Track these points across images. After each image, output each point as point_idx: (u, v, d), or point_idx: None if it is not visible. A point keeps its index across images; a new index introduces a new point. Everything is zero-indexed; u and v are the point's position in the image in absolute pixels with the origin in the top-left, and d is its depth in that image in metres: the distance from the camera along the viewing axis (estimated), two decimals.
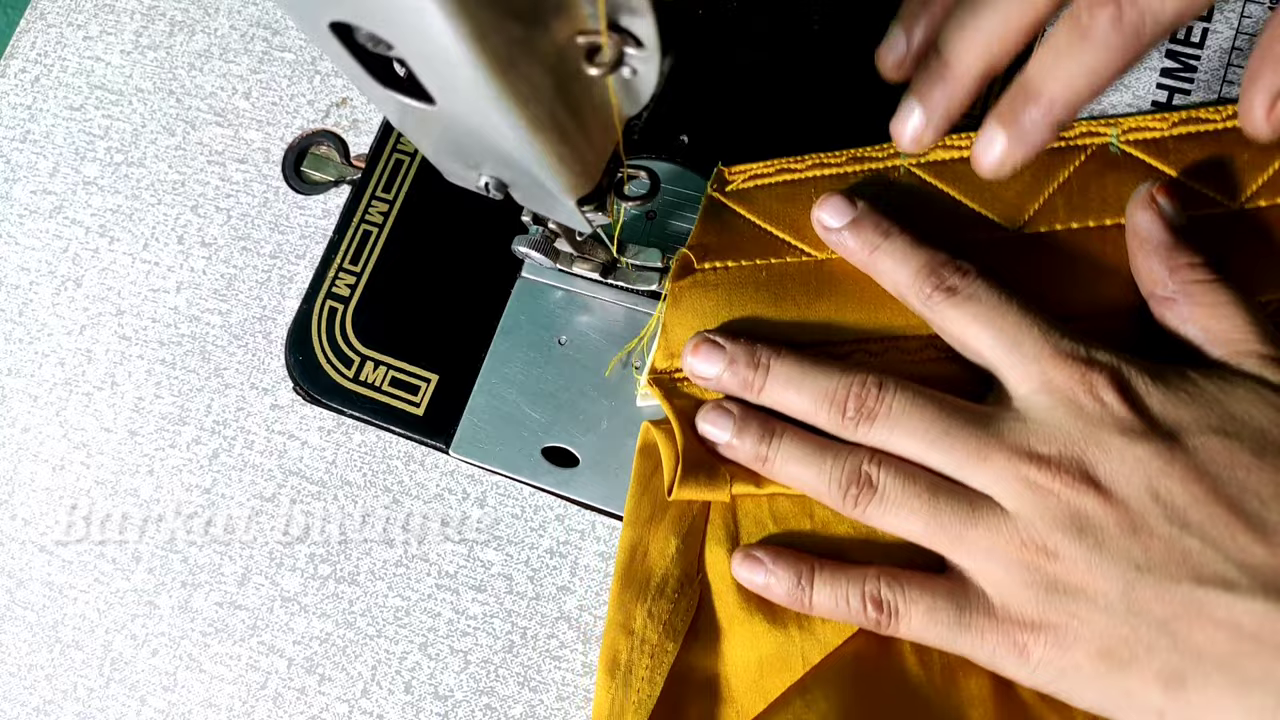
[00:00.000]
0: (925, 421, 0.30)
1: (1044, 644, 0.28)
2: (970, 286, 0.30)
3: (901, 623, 0.29)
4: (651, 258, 0.36)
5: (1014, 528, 0.28)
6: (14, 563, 0.40)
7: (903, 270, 0.32)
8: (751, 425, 0.32)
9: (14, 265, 0.44)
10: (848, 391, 0.31)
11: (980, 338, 0.30)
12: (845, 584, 0.30)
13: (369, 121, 0.43)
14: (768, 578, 0.31)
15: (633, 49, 0.21)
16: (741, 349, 0.32)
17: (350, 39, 0.21)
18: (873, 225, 0.32)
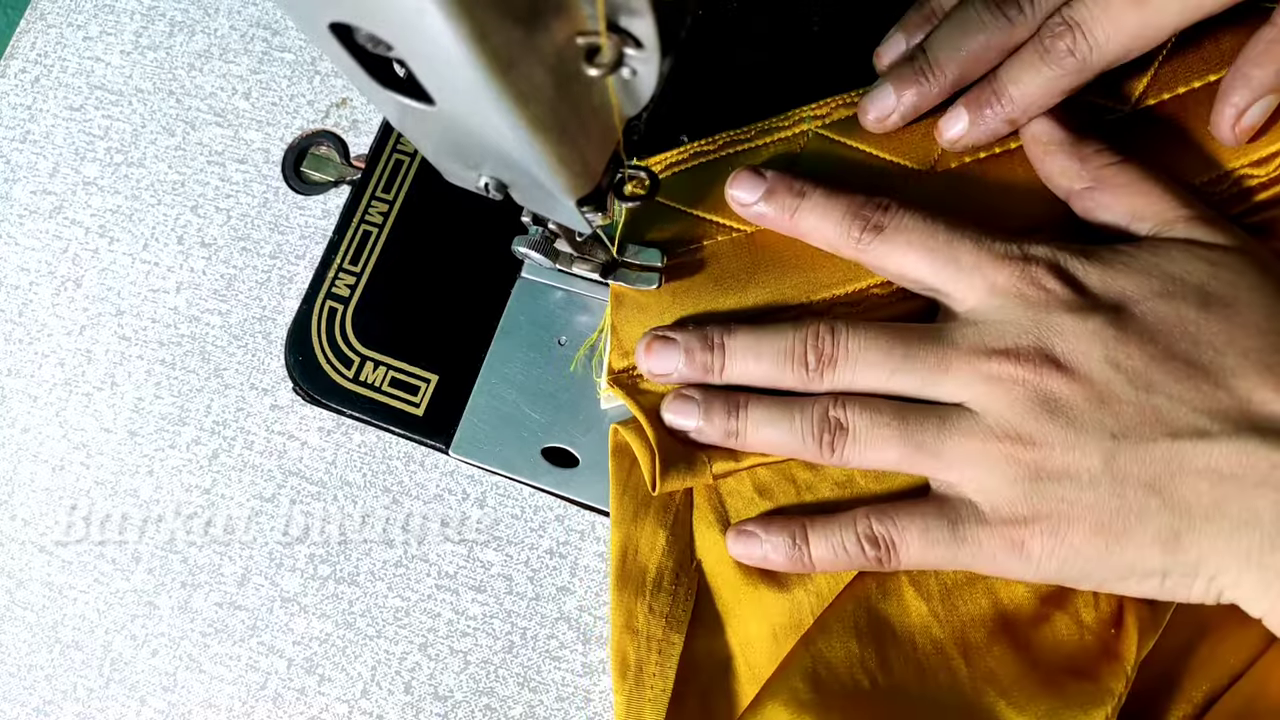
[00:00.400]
0: (883, 351, 0.30)
1: (1040, 535, 0.28)
2: (895, 218, 0.31)
3: (900, 553, 0.30)
4: (651, 258, 0.36)
5: (987, 425, 0.29)
6: (14, 563, 0.40)
7: (827, 223, 0.32)
8: (716, 405, 0.32)
9: (14, 265, 0.44)
10: (804, 345, 0.31)
11: (919, 265, 0.31)
12: (839, 531, 0.31)
13: (369, 122, 0.43)
14: (763, 547, 0.31)
15: (632, 49, 0.21)
16: (694, 335, 0.33)
17: (350, 39, 0.21)
18: (785, 189, 0.33)
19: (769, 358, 0.32)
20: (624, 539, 0.34)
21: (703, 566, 0.33)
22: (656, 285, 0.36)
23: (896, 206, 0.31)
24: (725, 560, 0.33)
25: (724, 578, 0.33)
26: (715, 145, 0.36)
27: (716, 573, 0.33)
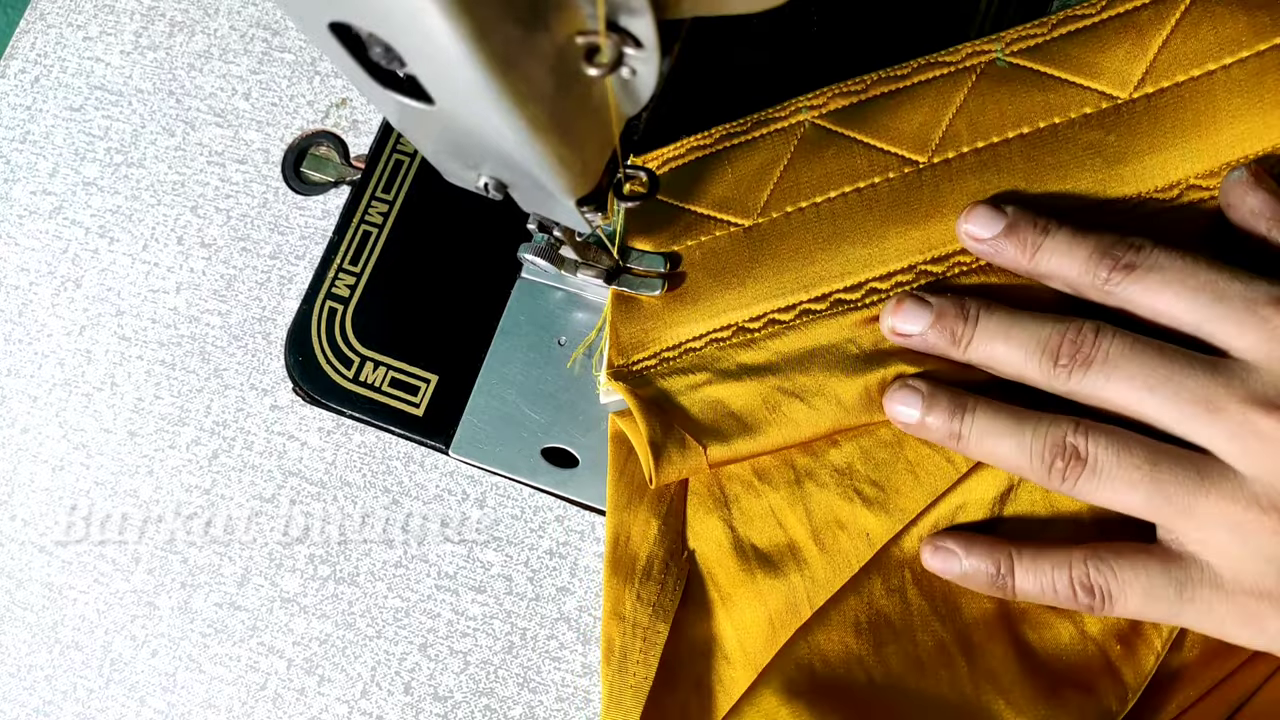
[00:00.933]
0: (1147, 367, 0.27)
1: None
2: (1150, 258, 0.28)
3: (1116, 605, 0.28)
4: (655, 264, 0.36)
5: (1252, 492, 0.26)
6: (13, 563, 0.40)
7: (1071, 262, 0.29)
8: (942, 400, 0.30)
9: (14, 266, 0.44)
10: (1062, 337, 0.28)
11: (1177, 302, 0.28)
12: (1050, 570, 0.28)
13: (369, 122, 0.43)
14: (963, 566, 0.30)
15: (632, 49, 0.21)
16: (949, 302, 0.31)
17: (350, 39, 0.21)
18: (1029, 224, 0.30)
19: (1019, 343, 0.29)
20: (617, 526, 0.34)
21: (699, 552, 0.33)
22: (660, 291, 0.36)
23: (1151, 246, 0.29)
24: (722, 546, 0.33)
25: (720, 563, 0.33)
26: (711, 139, 0.36)
27: (713, 558, 0.33)
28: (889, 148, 0.34)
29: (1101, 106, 0.32)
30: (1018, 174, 0.33)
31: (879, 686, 0.30)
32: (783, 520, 0.33)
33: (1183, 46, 0.31)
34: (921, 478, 0.32)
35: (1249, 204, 0.30)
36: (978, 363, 0.30)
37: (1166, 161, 0.31)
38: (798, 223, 0.34)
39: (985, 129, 0.33)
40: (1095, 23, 0.33)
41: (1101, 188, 0.32)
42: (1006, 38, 0.34)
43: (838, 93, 0.35)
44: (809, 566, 0.32)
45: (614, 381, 0.35)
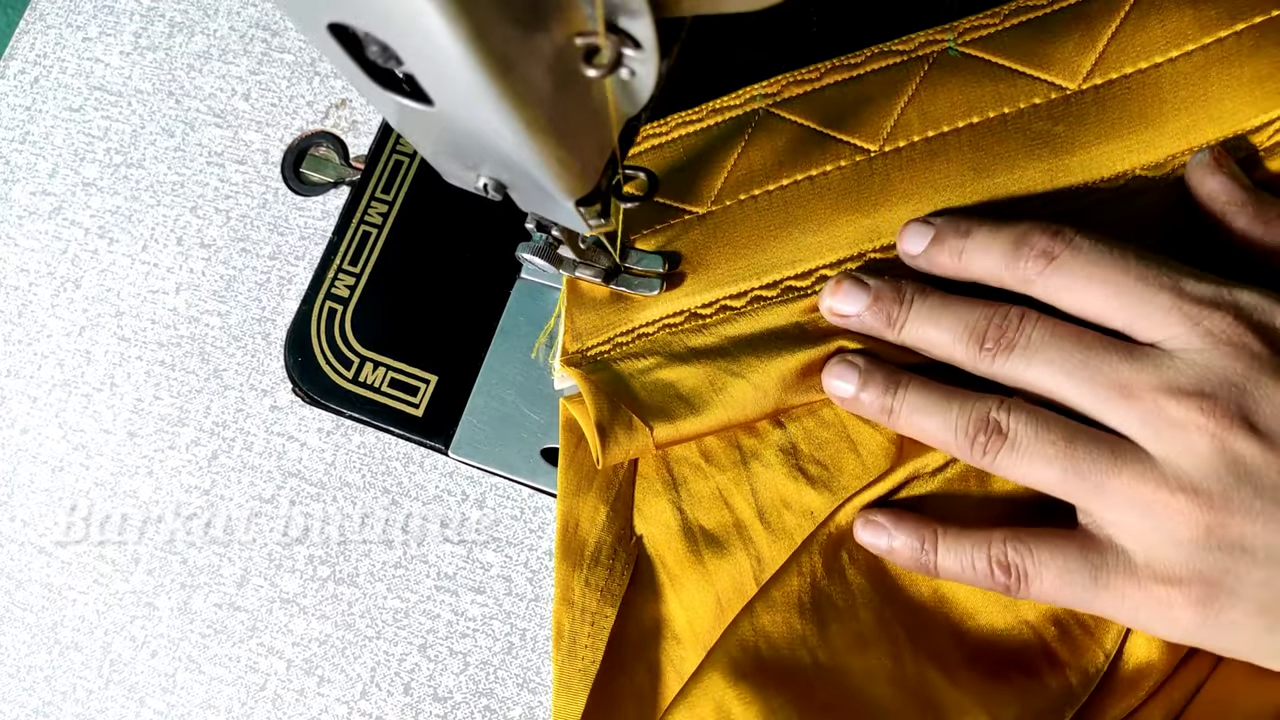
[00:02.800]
0: (1065, 352, 0.28)
1: (1194, 603, 0.26)
2: (1069, 246, 0.29)
3: (1031, 586, 0.28)
4: (654, 264, 0.36)
5: (1161, 474, 0.26)
6: (13, 564, 0.40)
7: (991, 258, 0.30)
8: (876, 376, 0.31)
9: (13, 266, 0.44)
10: (988, 322, 0.29)
11: (1101, 300, 0.28)
12: (970, 548, 0.29)
13: (368, 123, 0.43)
14: (891, 541, 0.30)
15: (631, 50, 0.21)
16: (886, 285, 0.31)
17: (349, 40, 0.21)
18: (953, 231, 0.31)
19: (949, 326, 0.30)
20: (566, 513, 0.34)
21: (648, 535, 0.34)
22: (658, 291, 0.36)
23: (1072, 232, 0.29)
24: (670, 528, 0.33)
25: (669, 546, 0.33)
26: (667, 127, 0.36)
27: (662, 541, 0.34)
28: (841, 136, 0.34)
29: (1050, 97, 0.33)
30: (966, 163, 0.33)
31: (823, 666, 0.30)
32: (729, 501, 0.33)
33: (1131, 39, 0.32)
34: (864, 456, 0.33)
35: (1208, 186, 0.31)
36: (910, 344, 0.31)
37: (1113, 152, 0.32)
38: (751, 210, 0.34)
39: (936, 118, 0.34)
40: (1046, 14, 0.33)
41: (1049, 178, 0.32)
42: (959, 27, 0.34)
43: (792, 81, 0.35)
44: (755, 545, 0.33)
45: (567, 367, 0.35)
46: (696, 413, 0.33)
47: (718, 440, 0.34)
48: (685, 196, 0.35)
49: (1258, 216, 0.30)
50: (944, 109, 0.34)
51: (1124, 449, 0.27)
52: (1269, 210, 0.30)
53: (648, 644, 0.33)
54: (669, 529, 0.33)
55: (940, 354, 0.31)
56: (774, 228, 0.34)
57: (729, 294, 0.34)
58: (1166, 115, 0.32)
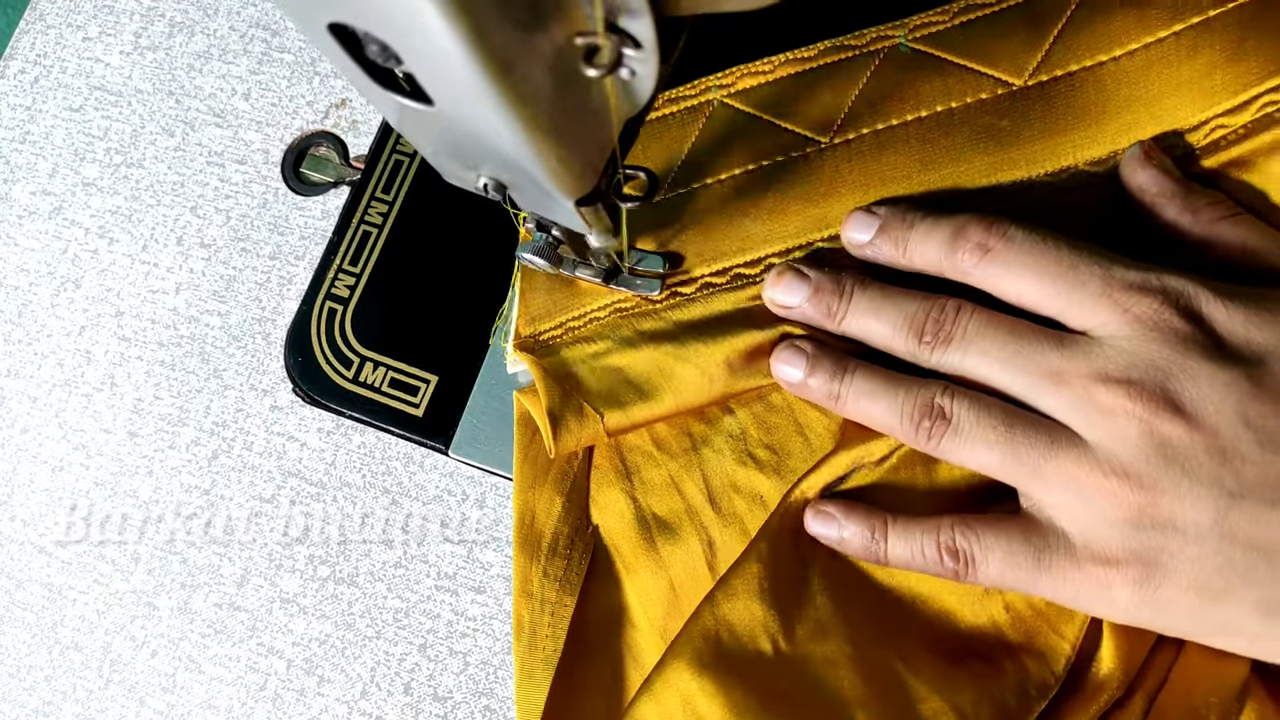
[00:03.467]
0: (999, 342, 0.29)
1: (1130, 582, 0.27)
2: (1003, 239, 0.30)
3: (979, 570, 0.29)
4: (654, 265, 0.36)
5: (1094, 458, 0.27)
6: (13, 564, 0.40)
7: (932, 249, 0.31)
8: (824, 362, 0.31)
9: (13, 266, 0.44)
10: (926, 315, 0.30)
11: (1035, 290, 0.29)
12: (919, 536, 0.30)
13: (368, 122, 0.43)
14: (841, 531, 0.31)
15: (631, 50, 0.21)
16: (826, 277, 0.32)
17: (349, 40, 0.21)
18: (897, 222, 0.32)
19: (889, 319, 0.31)
20: (523, 505, 0.35)
21: (603, 525, 0.34)
22: (659, 292, 0.36)
23: (1007, 224, 0.30)
24: (625, 517, 0.34)
25: (624, 534, 0.34)
26: None
27: (617, 530, 0.34)
28: (792, 127, 0.35)
29: (997, 92, 0.33)
30: (914, 155, 0.34)
31: (784, 654, 0.31)
32: (681, 487, 0.34)
33: (1076, 38, 0.33)
34: (812, 440, 0.33)
35: (1139, 179, 0.31)
36: (852, 335, 0.32)
37: (1057, 147, 0.33)
38: (702, 198, 0.35)
39: (885, 111, 0.34)
40: (995, 12, 0.34)
41: (992, 170, 0.33)
42: (910, 24, 0.35)
43: (746, 73, 0.35)
44: (707, 531, 0.33)
45: (519, 352, 0.35)
46: (646, 400, 0.33)
47: (669, 428, 0.34)
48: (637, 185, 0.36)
49: (1185, 207, 0.31)
50: (893, 103, 0.34)
51: (1059, 434, 0.28)
52: (1196, 200, 0.31)
53: (608, 633, 0.34)
54: (623, 518, 0.34)
55: (880, 345, 0.31)
56: (724, 216, 0.35)
57: (679, 280, 0.35)
58: (1109, 112, 0.32)
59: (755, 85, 0.35)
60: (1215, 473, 0.26)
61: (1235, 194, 0.31)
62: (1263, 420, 0.26)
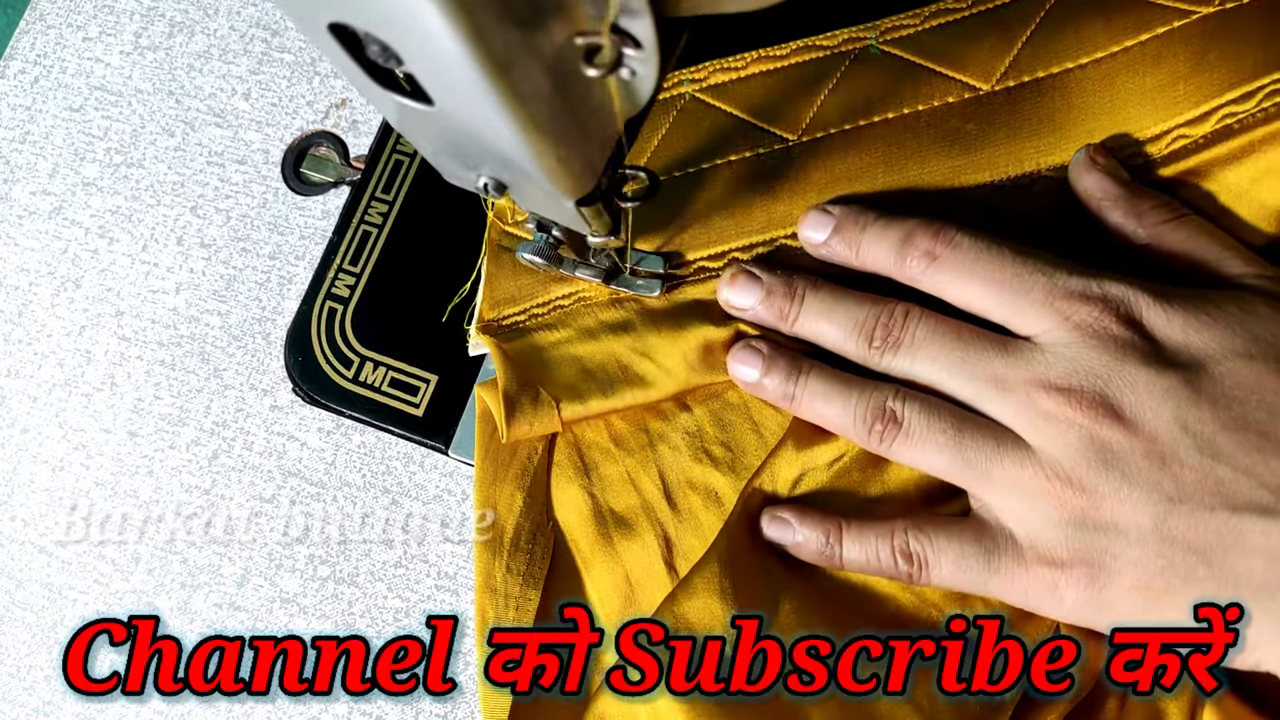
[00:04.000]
0: (944, 348, 0.29)
1: (1076, 582, 0.27)
2: (949, 247, 0.30)
3: (932, 573, 0.29)
4: (654, 265, 0.36)
5: (1038, 462, 0.28)
6: (13, 563, 0.40)
7: (883, 252, 0.31)
8: (779, 363, 0.32)
9: (13, 266, 0.44)
10: (875, 320, 0.31)
11: (983, 296, 0.30)
12: (874, 539, 0.30)
13: (368, 122, 0.43)
14: (795, 536, 0.31)
15: (631, 50, 0.21)
16: (778, 280, 0.33)
17: (349, 39, 0.21)
18: (851, 223, 0.32)
19: (839, 322, 0.31)
20: (484, 501, 0.35)
21: (563, 521, 0.34)
22: (659, 292, 0.36)
23: (954, 231, 0.30)
24: (583, 513, 0.34)
25: (582, 530, 0.34)
26: None
27: (576, 526, 0.34)
28: (761, 124, 0.35)
29: (964, 96, 0.34)
30: (878, 156, 0.34)
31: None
32: (637, 483, 0.34)
33: (1044, 44, 0.33)
34: (766, 438, 0.34)
35: (1085, 183, 0.32)
36: (804, 337, 0.33)
37: (1020, 151, 0.33)
38: (669, 190, 0.35)
39: (853, 112, 0.34)
40: (964, 17, 0.34)
41: (955, 173, 0.33)
42: (881, 26, 0.35)
43: (718, 68, 0.36)
44: (662, 527, 0.33)
45: (481, 335, 0.36)
46: (604, 392, 0.34)
47: (627, 424, 0.34)
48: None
49: (1130, 211, 0.31)
50: (861, 104, 0.34)
51: (1005, 438, 0.29)
52: (1141, 204, 0.31)
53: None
54: (581, 514, 0.34)
55: (832, 348, 0.32)
56: (691, 209, 0.35)
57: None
58: (1073, 119, 0.33)
59: (727, 81, 0.36)
60: (1154, 477, 0.27)
61: (1193, 202, 0.32)
62: (1200, 425, 0.27)
